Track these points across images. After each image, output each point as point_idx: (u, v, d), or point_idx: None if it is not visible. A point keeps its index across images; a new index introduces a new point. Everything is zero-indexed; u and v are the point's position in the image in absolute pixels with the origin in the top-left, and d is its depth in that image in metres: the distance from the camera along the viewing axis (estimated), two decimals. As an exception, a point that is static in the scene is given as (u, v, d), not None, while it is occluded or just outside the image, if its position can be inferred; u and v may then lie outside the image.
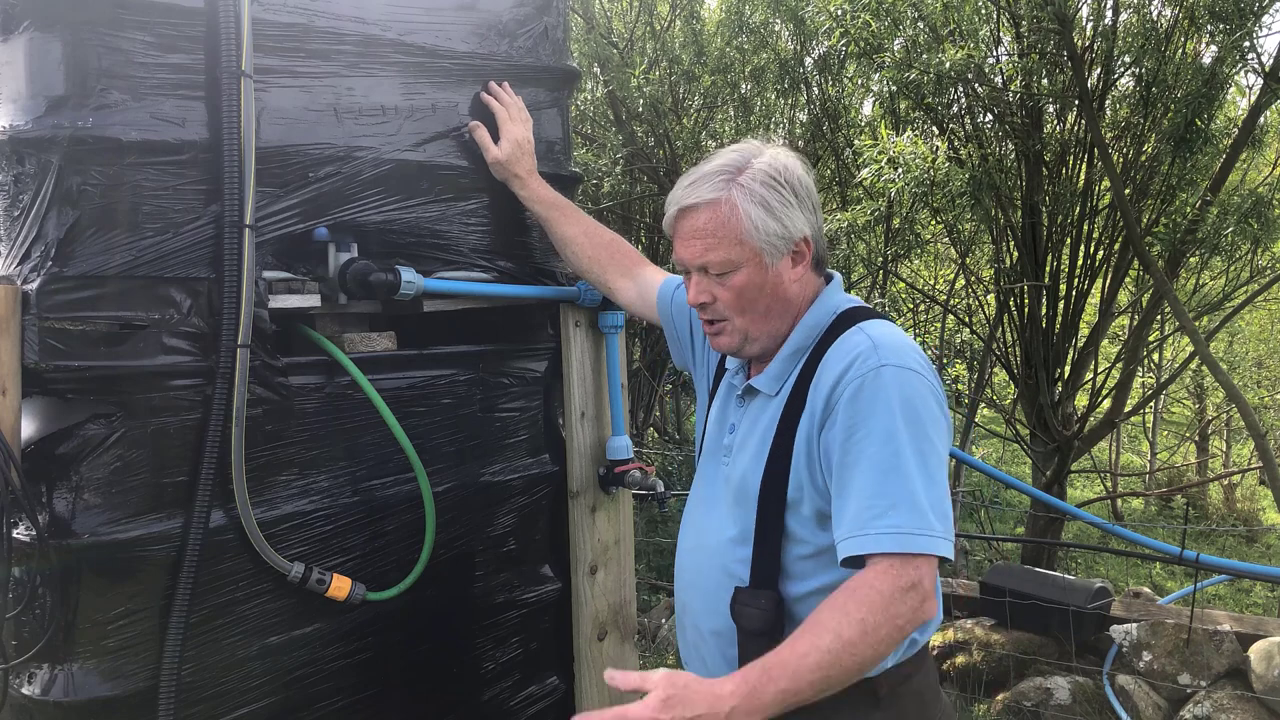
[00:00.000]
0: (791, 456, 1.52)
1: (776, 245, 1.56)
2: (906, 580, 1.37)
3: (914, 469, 1.41)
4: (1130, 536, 4.69)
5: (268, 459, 1.75)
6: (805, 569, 1.53)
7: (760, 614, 1.52)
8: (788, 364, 1.60)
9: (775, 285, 1.58)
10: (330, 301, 1.86)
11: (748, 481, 1.58)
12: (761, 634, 1.51)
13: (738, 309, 1.59)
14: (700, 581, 1.66)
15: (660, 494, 2.29)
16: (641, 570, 6.01)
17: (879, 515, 1.39)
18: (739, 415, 1.67)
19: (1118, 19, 5.65)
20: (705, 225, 1.56)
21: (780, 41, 7.42)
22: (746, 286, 1.57)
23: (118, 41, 1.55)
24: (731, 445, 1.66)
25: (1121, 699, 3.95)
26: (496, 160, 2.02)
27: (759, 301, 1.58)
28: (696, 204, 1.56)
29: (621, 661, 2.33)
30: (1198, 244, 5.74)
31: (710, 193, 1.56)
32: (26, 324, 1.50)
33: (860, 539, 1.40)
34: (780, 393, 1.59)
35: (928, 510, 1.39)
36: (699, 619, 1.66)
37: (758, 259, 1.56)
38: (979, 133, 6.23)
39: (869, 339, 1.51)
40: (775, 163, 1.58)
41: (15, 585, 1.58)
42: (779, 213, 1.55)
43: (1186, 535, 4.79)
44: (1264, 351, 12.64)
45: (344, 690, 1.88)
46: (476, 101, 2.04)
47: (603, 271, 2.06)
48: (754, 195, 1.54)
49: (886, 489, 1.40)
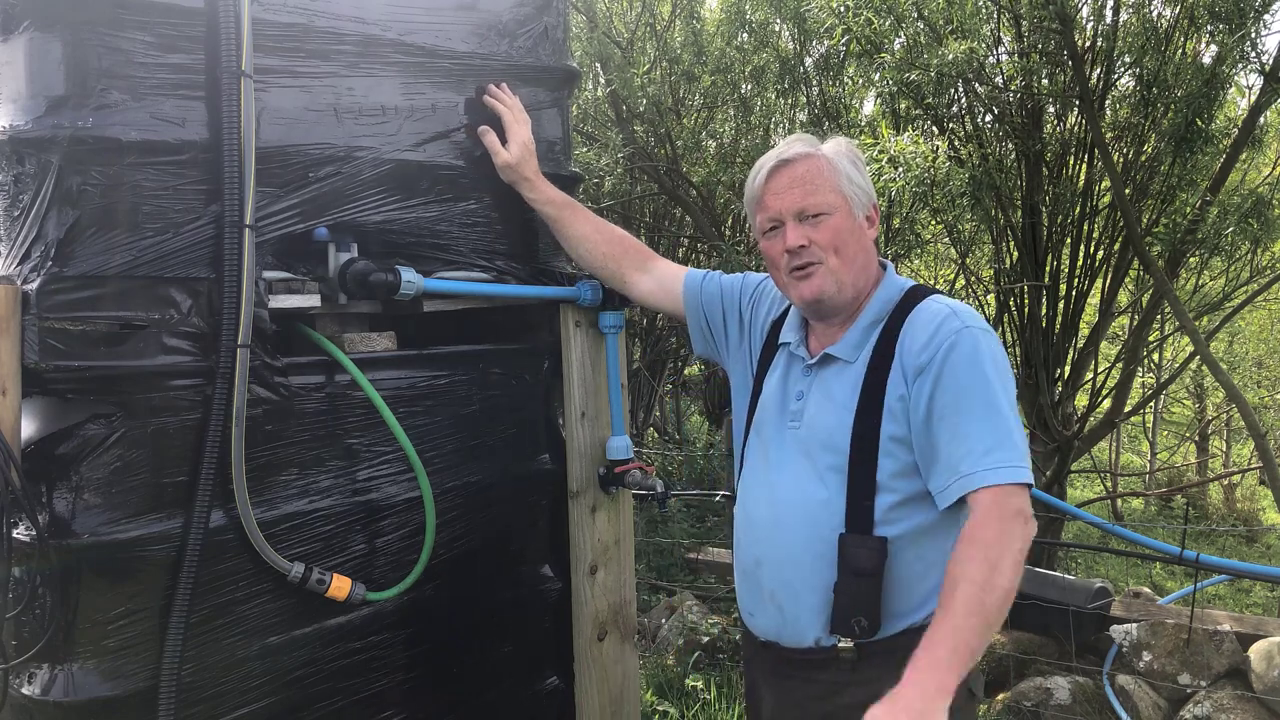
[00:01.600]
0: (882, 413, 1.66)
1: (861, 200, 1.76)
2: (1012, 508, 1.54)
3: (1009, 415, 1.60)
4: (1130, 536, 4.69)
5: (268, 459, 1.75)
6: (892, 516, 1.66)
7: (871, 554, 1.64)
8: (866, 333, 1.75)
9: (861, 236, 1.76)
10: (330, 301, 1.86)
11: (834, 438, 1.70)
12: (870, 574, 1.64)
13: (834, 249, 1.73)
14: (783, 535, 1.74)
15: (660, 494, 2.29)
16: (641, 570, 6.01)
17: (986, 452, 1.57)
18: (806, 383, 1.79)
19: (1118, 18, 5.65)
20: (804, 174, 1.74)
21: (780, 41, 7.42)
22: (841, 229, 1.73)
23: (118, 41, 1.55)
24: (801, 410, 1.77)
25: (1121, 699, 3.94)
26: (507, 164, 2.03)
27: (850, 246, 1.74)
28: (794, 158, 1.75)
29: (621, 661, 2.33)
30: (1198, 244, 5.74)
31: (807, 149, 1.76)
32: (26, 324, 1.50)
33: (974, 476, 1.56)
34: (859, 359, 1.73)
35: (1022, 447, 1.59)
36: (784, 569, 1.73)
37: (848, 207, 1.74)
38: (979, 132, 6.23)
39: (947, 307, 1.70)
40: (846, 142, 1.81)
41: (15, 585, 1.58)
42: (864, 173, 1.79)
43: (1186, 535, 4.79)
44: (1264, 351, 12.63)
45: (344, 690, 1.88)
46: (474, 103, 2.04)
47: (618, 267, 2.10)
48: (846, 155, 1.77)
49: (992, 432, 1.58)
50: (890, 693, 1.43)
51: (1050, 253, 6.23)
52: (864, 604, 1.64)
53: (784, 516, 1.75)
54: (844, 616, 1.66)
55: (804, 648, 1.72)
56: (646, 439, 9.04)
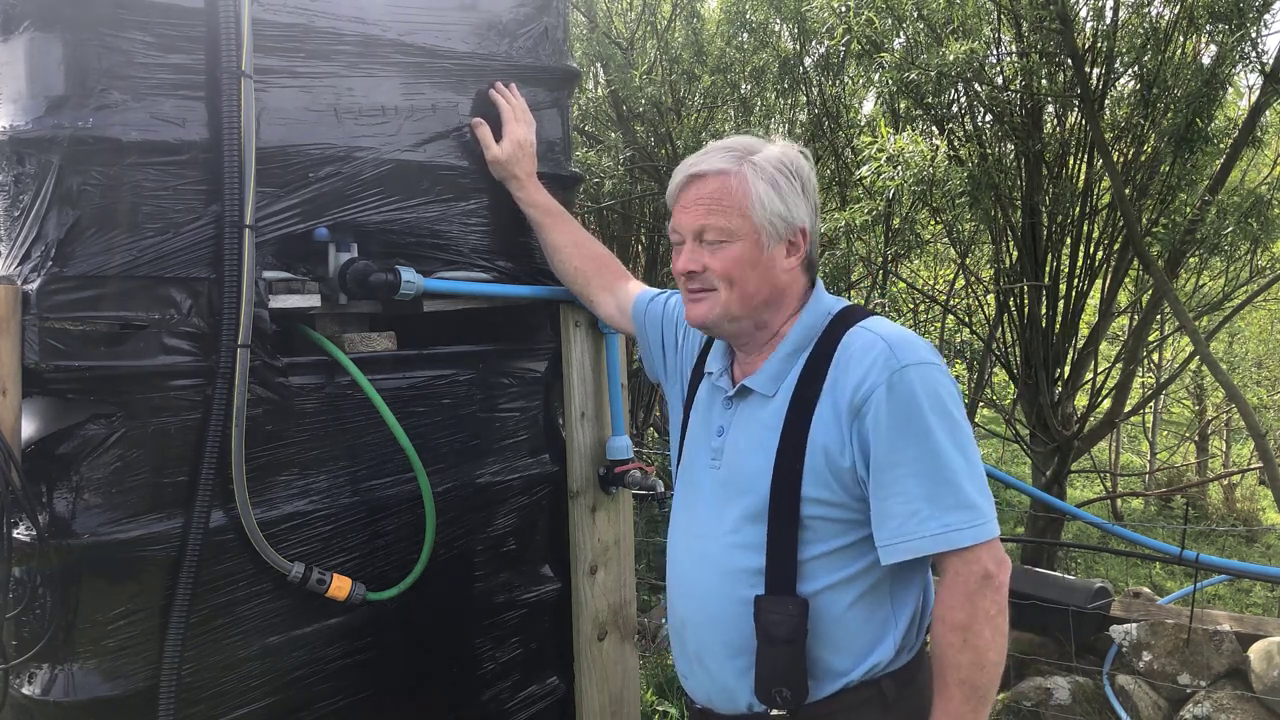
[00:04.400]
0: (805, 455, 1.51)
1: (777, 227, 1.57)
2: (976, 576, 1.45)
3: (955, 462, 1.46)
4: (1130, 536, 4.69)
5: (268, 459, 1.75)
6: (816, 568, 1.52)
7: (789, 621, 1.50)
8: (785, 364, 1.59)
9: (766, 268, 1.58)
10: (330, 301, 1.86)
11: (753, 485, 1.55)
12: (789, 641, 1.50)
13: (727, 281, 1.58)
14: (702, 591, 1.61)
15: (660, 494, 2.29)
16: (641, 570, 6.01)
17: (926, 519, 1.45)
18: (727, 417, 1.64)
19: (1118, 18, 5.65)
20: (712, 193, 1.57)
21: (780, 41, 7.42)
22: (739, 260, 1.57)
23: (118, 41, 1.55)
24: (722, 447, 1.63)
25: (1121, 699, 3.94)
26: (496, 159, 2.02)
27: (749, 279, 1.57)
28: (707, 172, 1.58)
29: (621, 661, 2.33)
30: (1197, 244, 5.74)
31: (723, 163, 1.57)
32: (27, 324, 1.50)
33: (913, 543, 1.46)
34: (779, 393, 1.57)
35: (975, 499, 1.46)
36: (703, 631, 1.61)
37: (755, 236, 1.56)
38: (979, 132, 6.23)
39: (880, 339, 1.52)
40: (788, 153, 1.61)
41: (15, 585, 1.58)
42: (786, 196, 1.57)
43: (1186, 535, 4.79)
44: (1264, 351, 12.63)
45: (344, 690, 1.88)
46: (479, 100, 2.04)
47: (586, 283, 2.06)
48: (765, 174, 1.56)
49: (931, 491, 1.45)
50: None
51: (1050, 253, 6.23)
52: (785, 674, 1.51)
53: (703, 572, 1.60)
54: (765, 686, 1.52)
55: (737, 714, 1.59)
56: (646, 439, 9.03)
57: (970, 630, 1.45)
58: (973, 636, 1.45)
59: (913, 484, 1.45)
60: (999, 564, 1.47)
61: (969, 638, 1.45)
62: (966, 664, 1.45)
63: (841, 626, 1.53)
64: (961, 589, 1.45)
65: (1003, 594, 1.47)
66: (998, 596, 1.46)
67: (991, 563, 1.46)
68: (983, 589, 1.45)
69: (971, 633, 1.45)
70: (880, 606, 1.55)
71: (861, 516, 1.51)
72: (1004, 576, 1.47)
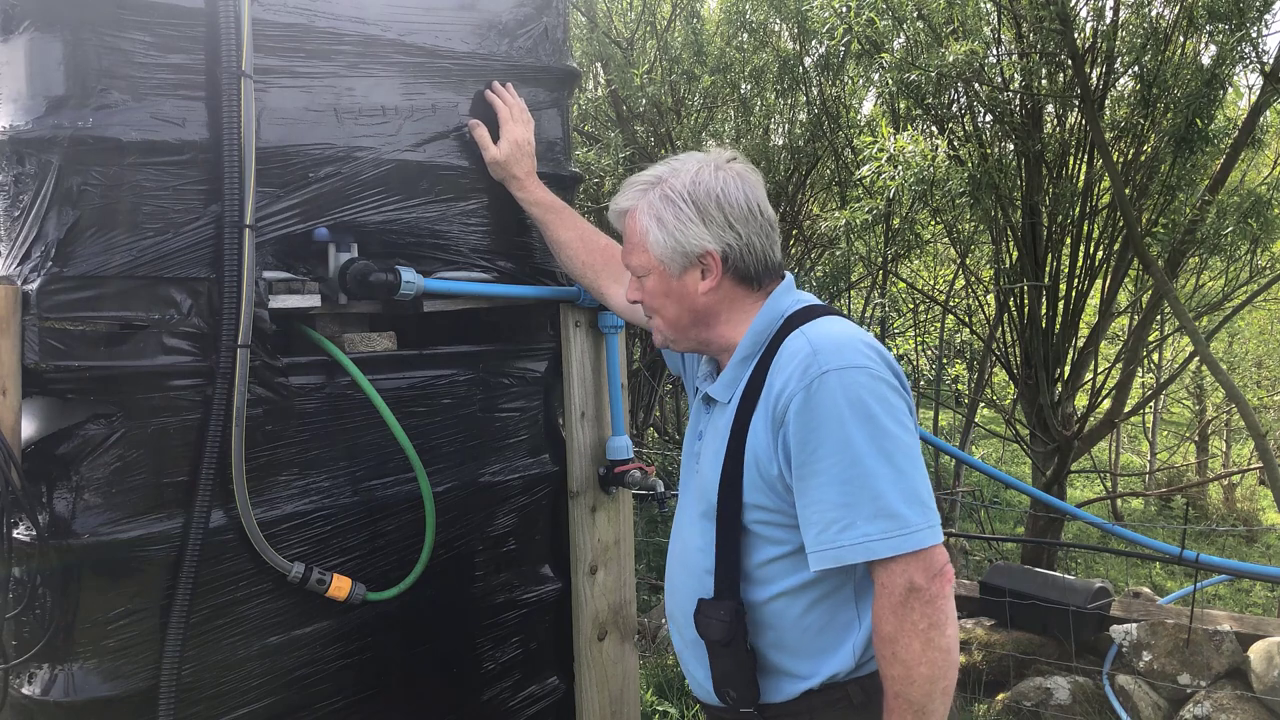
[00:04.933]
0: (744, 463, 1.53)
1: (674, 258, 1.60)
2: (899, 588, 1.41)
3: (878, 469, 1.41)
4: (1130, 536, 4.69)
5: (268, 459, 1.75)
6: (768, 574, 1.54)
7: (720, 625, 1.53)
8: (738, 370, 1.61)
9: (681, 295, 1.63)
10: (330, 301, 1.86)
11: (707, 490, 1.59)
12: (724, 644, 1.54)
13: (655, 309, 1.67)
14: (678, 592, 1.69)
15: (660, 494, 2.29)
16: (641, 570, 6.01)
17: (845, 528, 1.41)
18: (705, 423, 1.69)
19: (1118, 18, 5.65)
20: (627, 230, 1.67)
21: (780, 41, 7.42)
22: (654, 293, 1.65)
23: (118, 41, 1.55)
24: (699, 452, 1.68)
25: (1121, 699, 3.95)
26: (495, 160, 2.02)
27: (669, 306, 1.65)
28: (622, 210, 1.68)
29: (621, 661, 2.33)
30: (1197, 244, 5.74)
31: (626, 201, 1.66)
32: (26, 324, 1.50)
33: (831, 552, 1.43)
34: (732, 400, 1.60)
35: (898, 508, 1.40)
36: (681, 628, 1.68)
37: (661, 268, 1.63)
38: (979, 132, 6.23)
39: (808, 343, 1.49)
40: (691, 179, 1.60)
41: (15, 585, 1.58)
42: (672, 229, 1.59)
43: (1186, 535, 4.79)
44: (1264, 351, 12.63)
45: (344, 690, 1.88)
46: (477, 101, 2.04)
47: (596, 276, 2.07)
48: (653, 209, 1.61)
49: (849, 499, 1.41)
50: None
51: (1050, 253, 6.24)
52: (730, 675, 1.55)
53: (678, 572, 1.68)
54: (717, 685, 1.58)
55: (719, 706, 1.64)
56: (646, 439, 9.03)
57: (898, 643, 1.42)
58: (900, 650, 1.41)
59: (830, 492, 1.42)
60: (931, 575, 1.41)
61: (896, 650, 1.42)
62: (897, 677, 1.42)
63: (797, 631, 1.54)
64: (886, 601, 1.42)
65: (936, 607, 1.41)
66: (929, 610, 1.40)
67: (920, 574, 1.41)
68: (908, 601, 1.40)
69: (900, 645, 1.41)
70: (843, 610, 1.54)
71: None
72: (937, 588, 1.41)
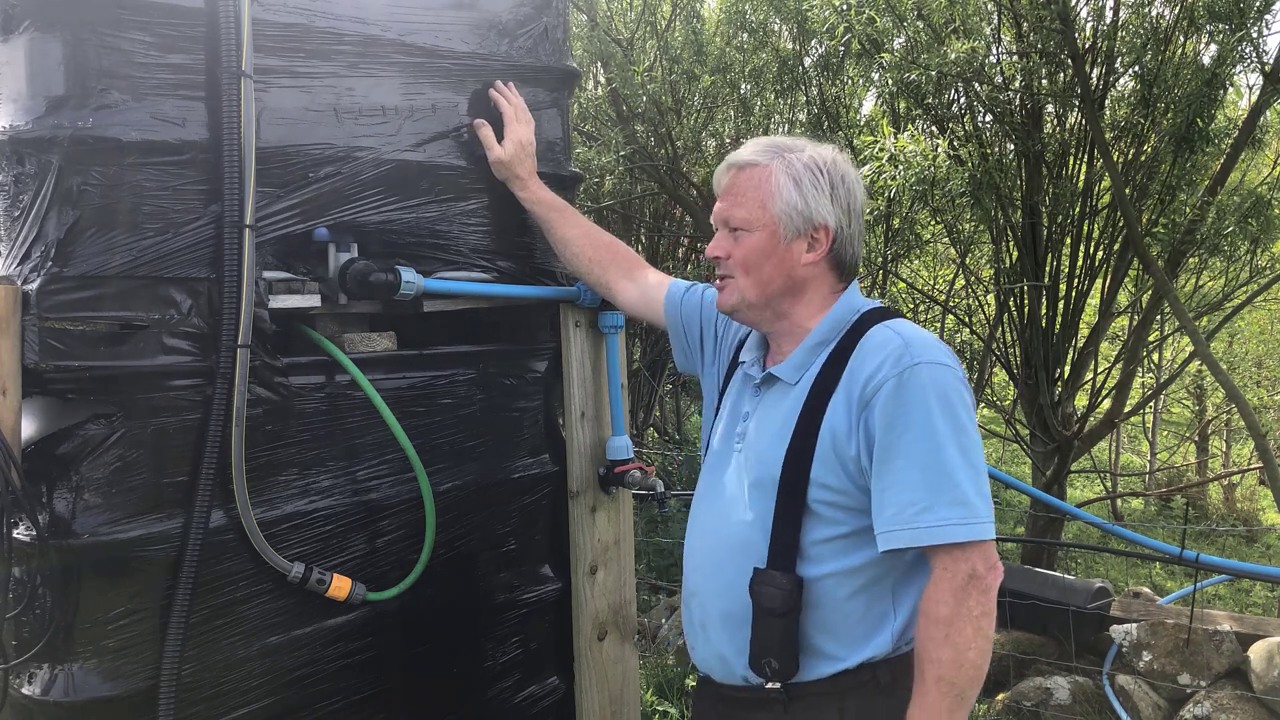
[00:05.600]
0: (816, 442, 1.57)
1: (794, 221, 1.64)
2: (963, 575, 1.48)
3: (956, 460, 1.49)
4: (1130, 536, 4.69)
5: (268, 459, 1.75)
6: (821, 553, 1.58)
7: (780, 594, 1.56)
8: (810, 354, 1.66)
9: (783, 260, 1.66)
10: (330, 301, 1.86)
11: (767, 465, 1.62)
12: (781, 614, 1.56)
13: (743, 269, 1.67)
14: (711, 564, 1.69)
15: (660, 494, 2.29)
16: (641, 570, 6.01)
17: (923, 511, 1.48)
18: (753, 404, 1.73)
19: (1118, 18, 5.65)
20: (741, 184, 1.68)
21: (780, 41, 7.42)
22: (754, 250, 1.66)
23: (118, 41, 1.55)
24: (745, 432, 1.71)
25: (1121, 699, 3.95)
26: (499, 160, 2.03)
27: (763, 268, 1.66)
28: (741, 164, 1.69)
29: (621, 661, 2.33)
30: (1197, 244, 5.74)
31: (756, 157, 1.68)
32: (26, 324, 1.50)
33: (908, 532, 1.49)
34: (801, 381, 1.65)
35: (972, 498, 1.49)
36: (708, 602, 1.69)
37: (773, 228, 1.65)
38: (979, 132, 6.23)
39: (900, 336, 1.58)
40: (826, 156, 1.69)
41: (15, 585, 1.58)
42: (808, 193, 1.64)
43: (1186, 535, 4.79)
44: (1264, 351, 12.63)
45: (344, 690, 1.88)
46: (478, 100, 2.04)
47: (603, 273, 2.08)
48: (792, 169, 1.65)
49: (931, 484, 1.48)
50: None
51: (1050, 253, 6.24)
52: (775, 646, 1.57)
53: (715, 546, 1.69)
54: (756, 656, 1.59)
55: (736, 685, 1.67)
56: (646, 439, 9.04)
57: (953, 627, 1.47)
58: (954, 633, 1.47)
59: (914, 475, 1.49)
60: (989, 567, 1.49)
61: (950, 634, 1.47)
62: (946, 660, 1.47)
63: (840, 614, 1.58)
64: (949, 584, 1.48)
65: (990, 597, 1.49)
66: (984, 598, 1.48)
67: (981, 564, 1.49)
68: (969, 588, 1.48)
69: (954, 629, 1.47)
70: (881, 600, 1.59)
71: (864, 506, 1.56)
72: (992, 580, 1.49)
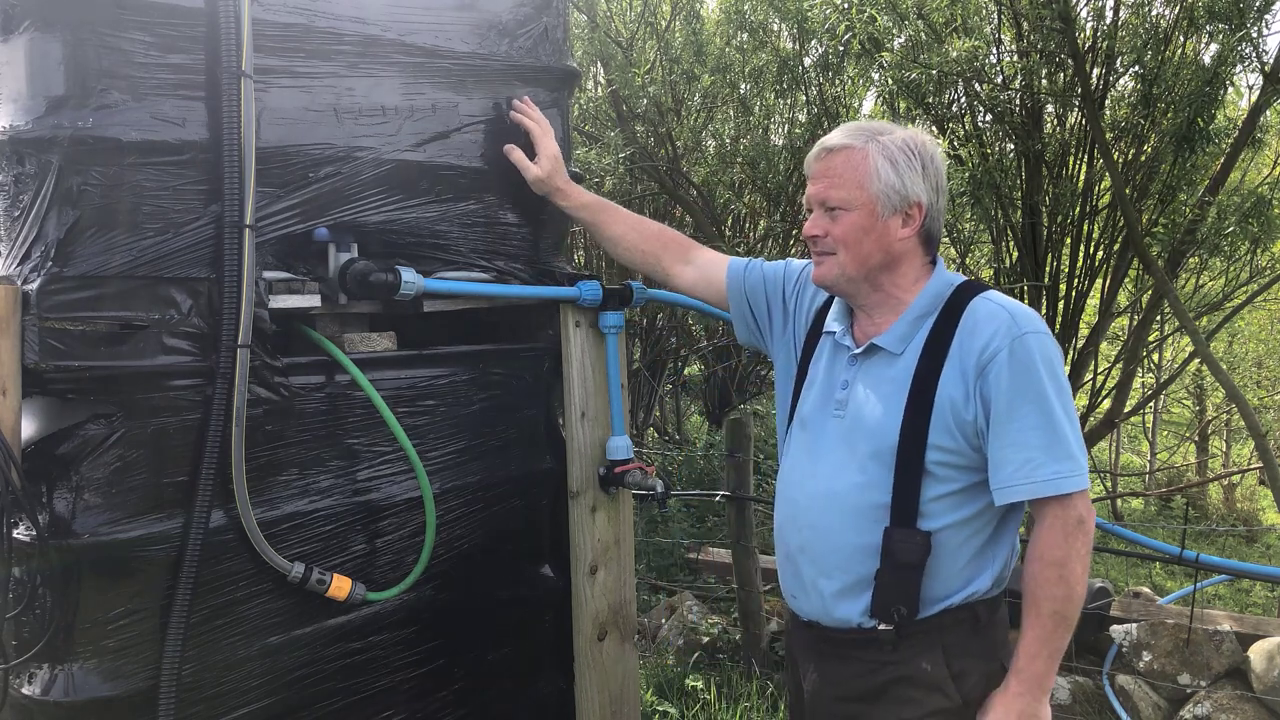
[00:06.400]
0: (933, 408, 1.70)
1: (891, 199, 1.75)
2: (1073, 519, 1.66)
3: (1063, 419, 1.66)
4: (1130, 536, 4.68)
5: (268, 459, 1.75)
6: (937, 509, 1.72)
7: (918, 549, 1.71)
8: (913, 326, 1.77)
9: (880, 236, 1.76)
10: (330, 301, 1.86)
11: (883, 430, 1.73)
12: (917, 566, 1.71)
13: (844, 245, 1.77)
14: (825, 523, 1.79)
15: (660, 494, 2.29)
16: (641, 570, 6.01)
17: (1039, 466, 1.65)
18: (851, 373, 1.82)
19: (1118, 18, 5.64)
20: (837, 166, 1.77)
21: (779, 41, 7.41)
22: (853, 228, 1.75)
23: (118, 41, 1.55)
24: (846, 400, 1.81)
25: (1121, 699, 3.94)
26: (538, 178, 2.09)
27: (863, 244, 1.76)
28: (834, 147, 1.78)
29: (621, 661, 2.33)
30: (1197, 244, 5.73)
31: (851, 139, 1.77)
32: (26, 324, 1.50)
33: (1026, 486, 1.66)
34: (907, 352, 1.76)
35: (1076, 452, 1.67)
36: (824, 558, 1.79)
37: (871, 206, 1.75)
38: (979, 132, 6.22)
39: (1004, 309, 1.72)
40: (917, 137, 1.80)
41: (15, 585, 1.58)
42: (903, 172, 1.75)
43: (1186, 535, 4.78)
44: (1264, 351, 12.62)
45: (344, 690, 1.88)
46: (504, 108, 2.07)
47: (658, 262, 2.14)
48: (887, 151, 1.75)
49: (1045, 442, 1.65)
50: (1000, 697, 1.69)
51: (1050, 253, 6.23)
52: (905, 595, 1.72)
53: (827, 505, 1.79)
54: (884, 605, 1.73)
55: (845, 629, 1.79)
56: (646, 439, 9.03)
57: (1065, 567, 1.65)
58: (1067, 572, 1.65)
59: (1030, 435, 1.65)
60: (1089, 512, 1.68)
61: (1064, 573, 1.65)
62: (1061, 597, 1.65)
63: (952, 561, 1.73)
64: (1061, 530, 1.65)
65: (1090, 537, 1.67)
66: (1087, 539, 1.67)
67: (1085, 509, 1.67)
68: (1077, 531, 1.65)
69: (1067, 569, 1.65)
70: (986, 546, 1.76)
71: (975, 464, 1.71)
72: (1092, 523, 1.68)
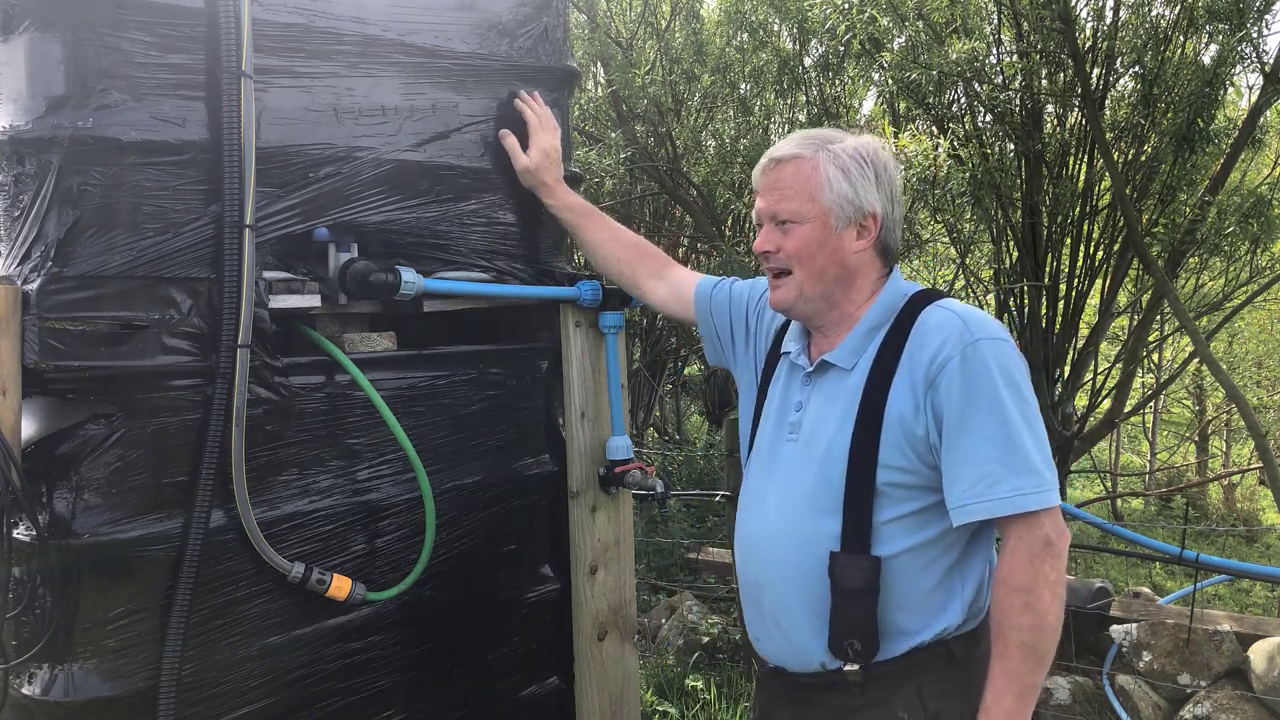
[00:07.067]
0: (882, 425, 1.60)
1: (845, 210, 1.66)
2: (1039, 541, 1.53)
3: (1023, 431, 1.54)
4: (1130, 536, 4.69)
5: (268, 459, 1.75)
6: (892, 531, 1.61)
7: (863, 574, 1.59)
8: (864, 339, 1.68)
9: (835, 249, 1.68)
10: (330, 301, 1.86)
11: (831, 451, 1.64)
12: (863, 594, 1.59)
13: (798, 261, 1.68)
14: (780, 555, 1.69)
15: (660, 494, 2.29)
16: (641, 570, 6.01)
17: (996, 483, 1.53)
18: (805, 393, 1.73)
19: (1118, 18, 5.65)
20: (786, 178, 1.68)
21: (780, 41, 7.41)
22: (806, 241, 1.67)
23: (118, 41, 1.55)
24: (800, 421, 1.72)
25: (1121, 699, 3.94)
26: (526, 168, 2.06)
27: (817, 259, 1.67)
28: (784, 157, 1.69)
29: (621, 661, 2.33)
30: (1197, 244, 5.73)
31: (800, 149, 1.69)
32: (26, 324, 1.50)
33: (983, 505, 1.53)
34: (858, 366, 1.67)
35: (1040, 467, 1.54)
36: (781, 592, 1.69)
37: (824, 219, 1.66)
38: (979, 132, 6.22)
39: (956, 315, 1.62)
40: (868, 144, 1.72)
41: (15, 585, 1.58)
42: (856, 182, 1.67)
43: (1186, 535, 4.78)
44: (1264, 351, 12.62)
45: (344, 690, 1.88)
46: (504, 107, 2.07)
47: (633, 273, 2.11)
48: (839, 160, 1.67)
49: (1002, 456, 1.53)
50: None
51: (1050, 253, 6.23)
52: (857, 627, 1.60)
53: (779, 536, 1.69)
54: (838, 640, 1.62)
55: (811, 672, 1.68)
56: (646, 439, 9.04)
57: (1032, 593, 1.52)
58: (1034, 600, 1.52)
59: (985, 449, 1.53)
60: (1059, 533, 1.55)
61: (1030, 601, 1.52)
62: (1028, 626, 1.52)
63: (914, 589, 1.61)
64: (1025, 553, 1.53)
65: (1062, 561, 1.55)
66: (1057, 563, 1.54)
67: (1053, 530, 1.54)
68: (1044, 554, 1.53)
69: (1034, 596, 1.52)
70: (950, 573, 1.63)
71: (932, 483, 1.60)
72: (1063, 545, 1.55)
